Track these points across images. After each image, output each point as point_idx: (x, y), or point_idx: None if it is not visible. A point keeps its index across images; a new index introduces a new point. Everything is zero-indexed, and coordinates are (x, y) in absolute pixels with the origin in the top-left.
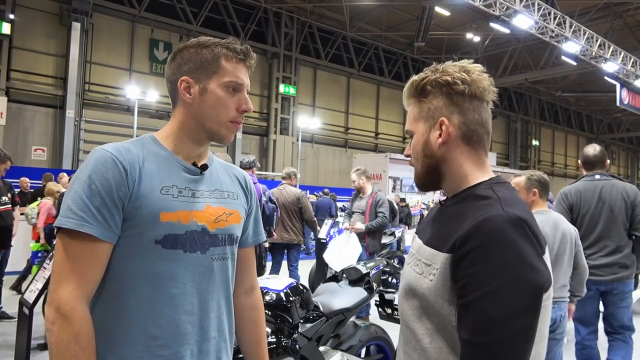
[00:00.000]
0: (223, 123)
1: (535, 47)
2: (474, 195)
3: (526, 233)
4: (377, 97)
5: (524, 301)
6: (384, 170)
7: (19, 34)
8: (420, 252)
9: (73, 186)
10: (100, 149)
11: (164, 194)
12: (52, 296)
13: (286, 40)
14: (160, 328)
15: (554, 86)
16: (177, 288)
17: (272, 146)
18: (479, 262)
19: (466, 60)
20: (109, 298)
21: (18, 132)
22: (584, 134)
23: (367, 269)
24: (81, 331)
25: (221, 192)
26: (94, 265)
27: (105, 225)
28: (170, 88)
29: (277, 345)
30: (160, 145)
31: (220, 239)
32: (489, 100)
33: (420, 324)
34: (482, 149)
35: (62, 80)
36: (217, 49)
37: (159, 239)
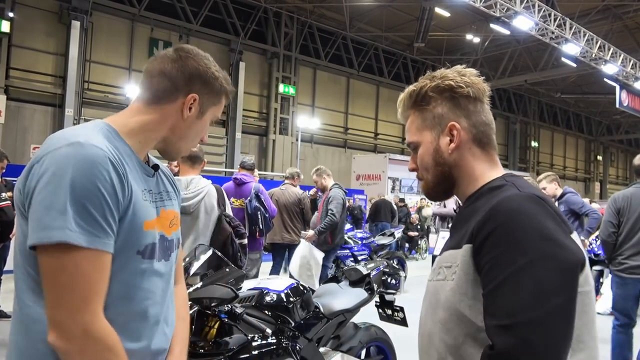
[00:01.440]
0: (190, 148)
1: (534, 48)
2: (488, 189)
3: (547, 209)
4: (376, 98)
5: (553, 279)
6: (383, 171)
7: (18, 32)
8: (439, 262)
9: (70, 191)
10: (88, 144)
11: (144, 199)
12: (69, 324)
13: (286, 40)
14: (134, 342)
15: (553, 88)
16: (150, 299)
17: (271, 146)
18: (501, 244)
19: (458, 65)
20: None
21: (17, 131)
22: (583, 136)
23: (367, 269)
24: (115, 343)
25: (167, 194)
26: (104, 279)
27: (111, 236)
28: (167, 87)
29: (278, 346)
30: (123, 141)
31: (175, 244)
32: (487, 102)
33: (441, 342)
34: (492, 148)
35: (61, 79)
36: (224, 86)
37: (140, 249)
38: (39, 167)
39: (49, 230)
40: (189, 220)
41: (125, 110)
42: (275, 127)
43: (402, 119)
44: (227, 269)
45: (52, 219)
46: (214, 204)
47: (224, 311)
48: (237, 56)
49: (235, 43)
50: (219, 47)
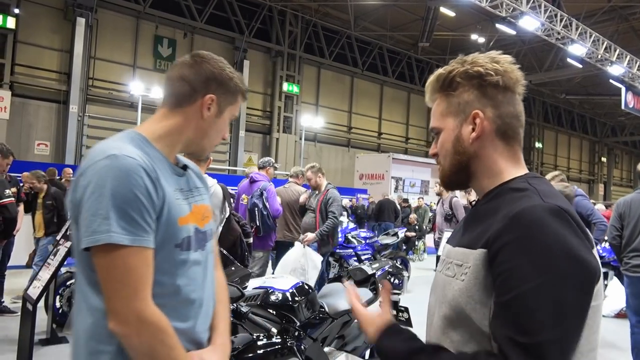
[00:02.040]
0: (214, 145)
1: (540, 49)
2: (508, 189)
3: (570, 224)
4: (380, 97)
5: (573, 299)
6: (387, 170)
7: (23, 29)
8: (450, 256)
9: (110, 199)
10: (122, 156)
11: (176, 198)
12: (126, 312)
13: (290, 39)
14: (182, 322)
15: (558, 88)
16: (192, 286)
17: (274, 144)
18: (520, 256)
19: (494, 51)
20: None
21: (21, 127)
22: (587, 137)
23: (372, 269)
24: (167, 326)
25: (197, 190)
26: (150, 271)
27: (151, 233)
28: (187, 90)
29: (283, 345)
30: (153, 146)
31: (208, 234)
32: (520, 92)
33: (445, 336)
34: (517, 143)
35: (66, 76)
36: (239, 85)
37: (178, 243)
38: (84, 180)
39: (97, 234)
40: None
41: (152, 117)
42: (279, 126)
43: (429, 102)
44: (233, 268)
45: (98, 225)
46: (220, 203)
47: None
48: (241, 54)
49: (239, 41)
50: (224, 45)
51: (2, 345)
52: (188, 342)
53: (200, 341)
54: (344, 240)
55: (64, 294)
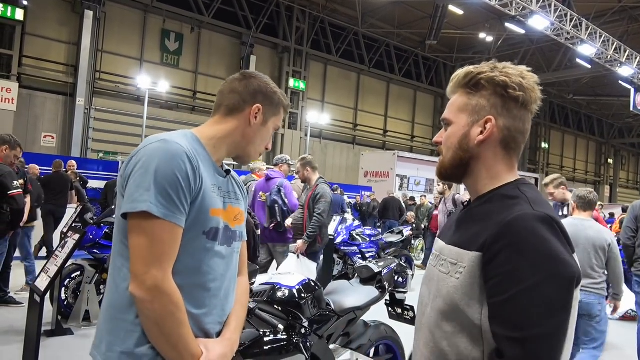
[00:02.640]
0: (258, 152)
1: (548, 48)
2: (501, 195)
3: (556, 231)
4: (386, 95)
5: (560, 297)
6: (392, 168)
7: (31, 21)
8: (444, 253)
9: (154, 175)
10: (172, 142)
11: (213, 191)
12: (145, 276)
13: (297, 35)
14: (194, 307)
15: (565, 89)
16: (211, 275)
17: (280, 140)
18: (513, 260)
19: (523, 66)
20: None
21: (28, 119)
22: (594, 138)
23: (379, 267)
24: (180, 301)
25: (235, 194)
26: (175, 247)
27: (184, 213)
28: (237, 101)
29: (289, 342)
30: (201, 145)
31: (237, 235)
32: (533, 111)
33: (438, 327)
34: (516, 155)
35: (73, 68)
36: (282, 100)
37: (206, 231)
38: (136, 159)
39: (137, 203)
40: None
41: (207, 123)
42: (285, 122)
43: (449, 93)
44: None
45: (139, 195)
46: None
47: None
48: (248, 49)
49: (246, 36)
50: (231, 39)
51: (8, 336)
52: (197, 329)
53: (210, 332)
54: (348, 238)
55: (70, 285)
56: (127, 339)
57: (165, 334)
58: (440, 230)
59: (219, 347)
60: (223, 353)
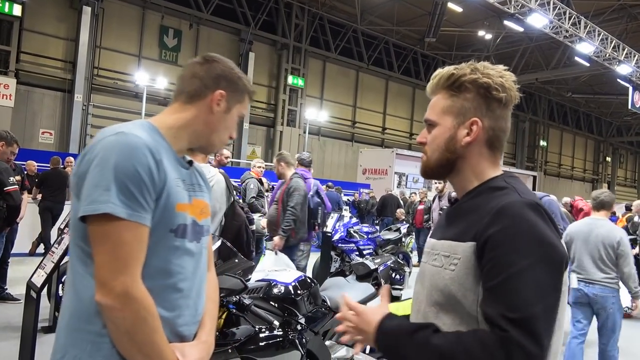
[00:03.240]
0: (223, 142)
1: (547, 46)
2: (489, 188)
3: (543, 216)
4: (385, 92)
5: (550, 278)
6: (390, 166)
7: (29, 16)
8: (436, 248)
9: (113, 171)
10: (131, 134)
11: (177, 185)
12: (113, 283)
13: (296, 32)
14: (166, 310)
15: (564, 87)
16: (182, 274)
17: (278, 137)
18: (505, 245)
19: (501, 65)
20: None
21: (26, 115)
22: (593, 136)
23: (375, 264)
24: (152, 306)
25: (199, 186)
26: (142, 249)
27: (149, 212)
28: (199, 87)
29: (284, 338)
30: (161, 135)
31: (204, 229)
32: (511, 108)
33: (436, 320)
34: (500, 153)
35: (71, 64)
36: (247, 86)
37: (173, 228)
38: (91, 154)
39: (96, 204)
40: None
41: (164, 111)
42: (283, 119)
43: (429, 92)
44: (237, 260)
45: (99, 195)
46: (222, 193)
47: (232, 302)
48: (246, 46)
49: (245, 33)
50: (229, 36)
51: (5, 332)
52: (171, 333)
53: (184, 334)
54: (346, 235)
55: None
56: (95, 351)
57: (137, 342)
58: (432, 230)
59: (195, 351)
60: (199, 357)
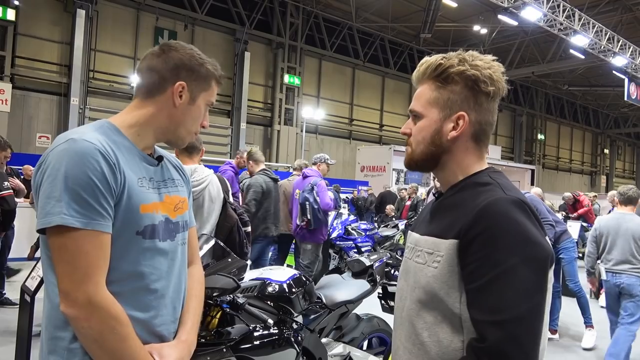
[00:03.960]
0: (191, 133)
1: (542, 40)
2: (473, 183)
3: (529, 214)
4: (382, 89)
5: (535, 278)
6: (388, 163)
7: (23, 21)
8: (419, 244)
9: (64, 181)
10: (80, 140)
11: (140, 185)
12: (76, 294)
13: (291, 30)
14: (141, 312)
15: (560, 80)
16: (155, 275)
17: (276, 137)
18: (489, 245)
19: (490, 55)
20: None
21: (22, 119)
22: (590, 129)
23: (370, 261)
24: (119, 313)
25: (172, 181)
26: (104, 256)
27: (108, 218)
28: (156, 80)
29: (279, 336)
30: (122, 134)
31: (180, 225)
32: (497, 101)
33: (419, 318)
34: (485, 146)
35: (66, 68)
36: (210, 70)
37: (139, 230)
38: (44, 165)
39: (50, 216)
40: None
41: (125, 109)
42: (280, 118)
43: (415, 81)
44: (230, 259)
45: (51, 207)
46: (218, 193)
47: (226, 301)
48: (242, 46)
49: (240, 33)
50: (224, 36)
51: (4, 336)
52: (148, 334)
53: (162, 334)
54: (344, 232)
55: None
56: (70, 358)
57: (108, 350)
58: (414, 223)
59: (174, 352)
60: (179, 357)
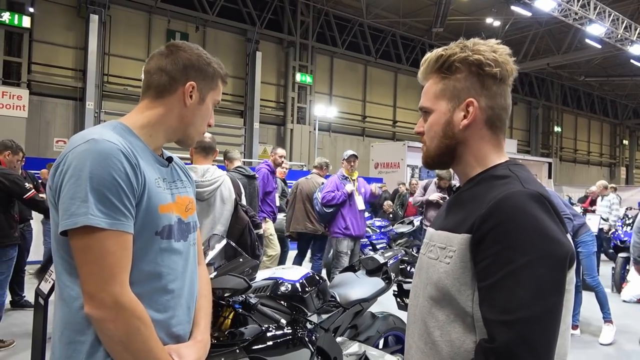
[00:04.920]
0: (200, 133)
1: (557, 30)
2: (491, 176)
3: (548, 209)
4: (394, 85)
5: (552, 278)
6: (402, 159)
7: (38, 27)
8: (433, 239)
9: (89, 181)
10: (102, 140)
11: (157, 186)
12: (102, 295)
13: (302, 29)
14: (159, 313)
15: (576, 71)
16: (172, 275)
17: (289, 135)
18: (502, 240)
19: (493, 39)
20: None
21: (40, 124)
22: (608, 120)
23: (384, 258)
24: (144, 314)
25: (181, 182)
26: (128, 257)
27: (130, 218)
28: (166, 81)
29: (293, 336)
30: (135, 135)
31: (191, 226)
32: (510, 84)
33: (431, 316)
34: (502, 133)
35: (81, 73)
36: (217, 69)
37: (158, 231)
38: (63, 165)
39: (75, 217)
40: (205, 207)
41: (135, 109)
42: (293, 117)
43: (421, 79)
44: (241, 259)
45: (76, 207)
46: (230, 194)
47: (238, 301)
48: (253, 46)
49: (251, 32)
50: (236, 37)
51: (23, 339)
52: (166, 335)
53: (179, 334)
54: None
55: None
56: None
57: (132, 351)
58: (434, 219)
59: (192, 352)
60: (197, 358)
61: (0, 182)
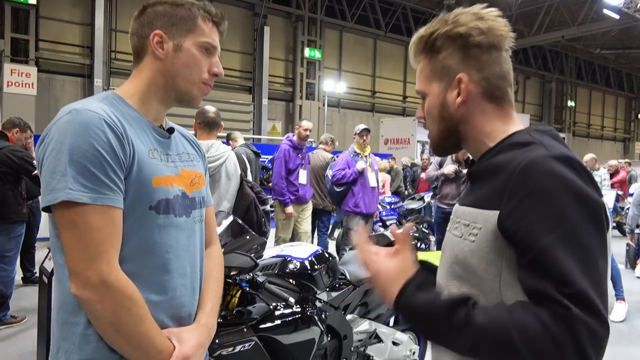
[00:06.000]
0: (195, 83)
1: (573, 1)
2: (510, 145)
3: (578, 170)
4: (404, 60)
5: (597, 241)
6: (412, 135)
7: (44, 4)
8: (458, 215)
9: (68, 154)
10: (84, 110)
11: (151, 157)
12: (87, 273)
13: (311, 2)
14: (157, 294)
15: (592, 43)
16: (171, 253)
17: (298, 111)
18: (536, 211)
19: (478, 4)
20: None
21: (49, 102)
22: (623, 94)
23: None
24: (135, 293)
25: (187, 155)
26: (116, 232)
27: (118, 192)
28: (138, 42)
29: (302, 315)
30: (128, 105)
31: (197, 201)
32: (507, 48)
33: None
34: (507, 103)
35: (88, 49)
36: (193, 9)
37: (152, 205)
38: (47, 138)
39: (55, 192)
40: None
41: (128, 80)
42: (302, 92)
43: (413, 63)
44: (248, 237)
45: (56, 182)
46: (235, 170)
47: (245, 280)
48: (261, 20)
49: (259, 7)
50: (243, 11)
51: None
52: (168, 318)
53: (181, 316)
54: None
55: None
56: (84, 345)
57: (123, 334)
58: (462, 195)
59: (194, 336)
60: (199, 342)
61: (9, 158)
